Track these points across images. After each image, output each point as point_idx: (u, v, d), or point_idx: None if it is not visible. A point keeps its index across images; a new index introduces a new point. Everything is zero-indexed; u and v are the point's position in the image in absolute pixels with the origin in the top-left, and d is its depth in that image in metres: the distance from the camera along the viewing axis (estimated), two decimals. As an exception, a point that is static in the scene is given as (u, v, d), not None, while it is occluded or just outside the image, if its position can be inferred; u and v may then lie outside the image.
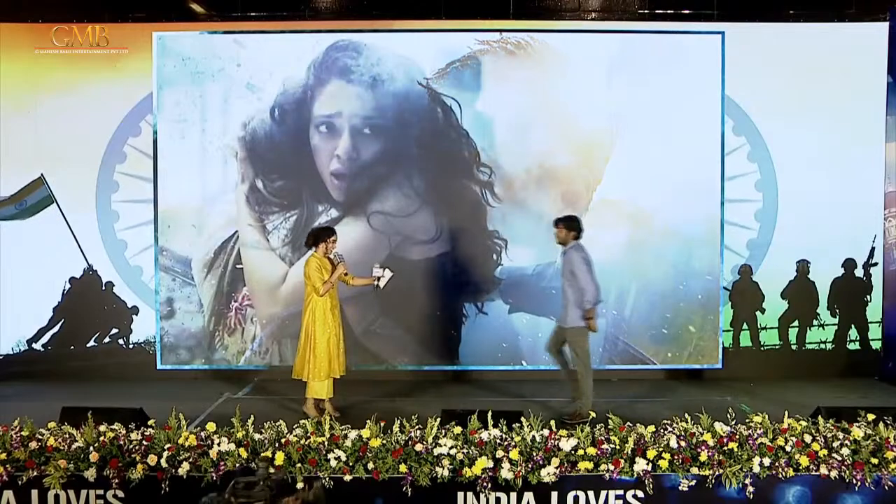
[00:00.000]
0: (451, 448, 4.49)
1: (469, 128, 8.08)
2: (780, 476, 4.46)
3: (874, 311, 8.34)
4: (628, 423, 4.73)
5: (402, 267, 7.58)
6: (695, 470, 4.46)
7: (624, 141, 8.05)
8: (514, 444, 4.52)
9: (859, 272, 8.32)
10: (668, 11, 8.19)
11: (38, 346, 8.31)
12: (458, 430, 4.64)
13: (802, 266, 8.31)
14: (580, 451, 4.47)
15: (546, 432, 4.63)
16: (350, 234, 7.99)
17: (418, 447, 4.49)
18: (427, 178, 8.12)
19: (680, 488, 4.45)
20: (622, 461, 4.45)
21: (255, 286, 8.18)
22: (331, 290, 6.41)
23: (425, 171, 8.11)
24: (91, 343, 8.31)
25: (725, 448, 4.53)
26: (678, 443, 4.53)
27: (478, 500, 4.45)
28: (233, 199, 8.14)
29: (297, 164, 8.11)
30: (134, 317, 8.29)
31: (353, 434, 4.61)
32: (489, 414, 4.72)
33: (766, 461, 4.48)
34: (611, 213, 8.04)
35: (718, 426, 4.66)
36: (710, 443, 4.54)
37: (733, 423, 4.72)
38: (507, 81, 8.07)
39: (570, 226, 6.50)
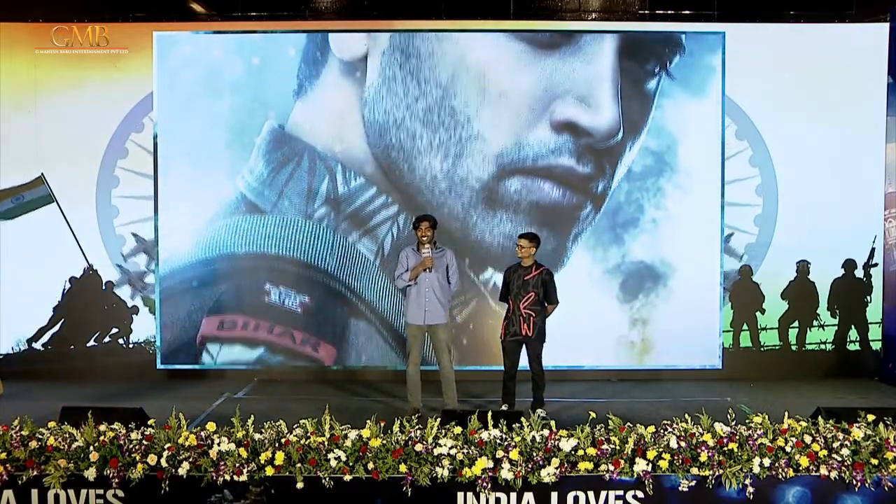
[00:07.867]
0: (451, 448, 4.49)
1: (488, 124, 8.01)
2: (780, 477, 4.46)
3: (874, 311, 8.34)
4: (628, 423, 4.73)
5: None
6: (695, 470, 4.46)
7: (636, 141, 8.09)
8: (514, 444, 4.52)
9: (859, 273, 8.32)
10: (669, 12, 8.20)
11: (38, 345, 8.31)
12: (458, 430, 4.64)
13: (802, 266, 8.30)
14: (580, 452, 4.47)
15: (546, 432, 4.62)
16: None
17: (418, 447, 4.49)
18: (446, 176, 8.05)
19: (680, 489, 4.44)
20: (622, 461, 4.44)
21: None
22: None
23: (443, 170, 8.06)
24: (91, 342, 8.31)
25: (725, 448, 4.53)
26: (678, 443, 4.53)
27: (478, 500, 4.45)
28: (240, 198, 8.11)
29: (309, 161, 8.06)
30: (134, 316, 8.28)
31: (353, 434, 4.61)
32: (489, 414, 4.72)
33: (766, 462, 4.47)
34: (620, 215, 8.06)
35: (718, 426, 4.66)
36: (710, 443, 4.53)
37: (733, 423, 4.72)
38: (523, 74, 7.98)
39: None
